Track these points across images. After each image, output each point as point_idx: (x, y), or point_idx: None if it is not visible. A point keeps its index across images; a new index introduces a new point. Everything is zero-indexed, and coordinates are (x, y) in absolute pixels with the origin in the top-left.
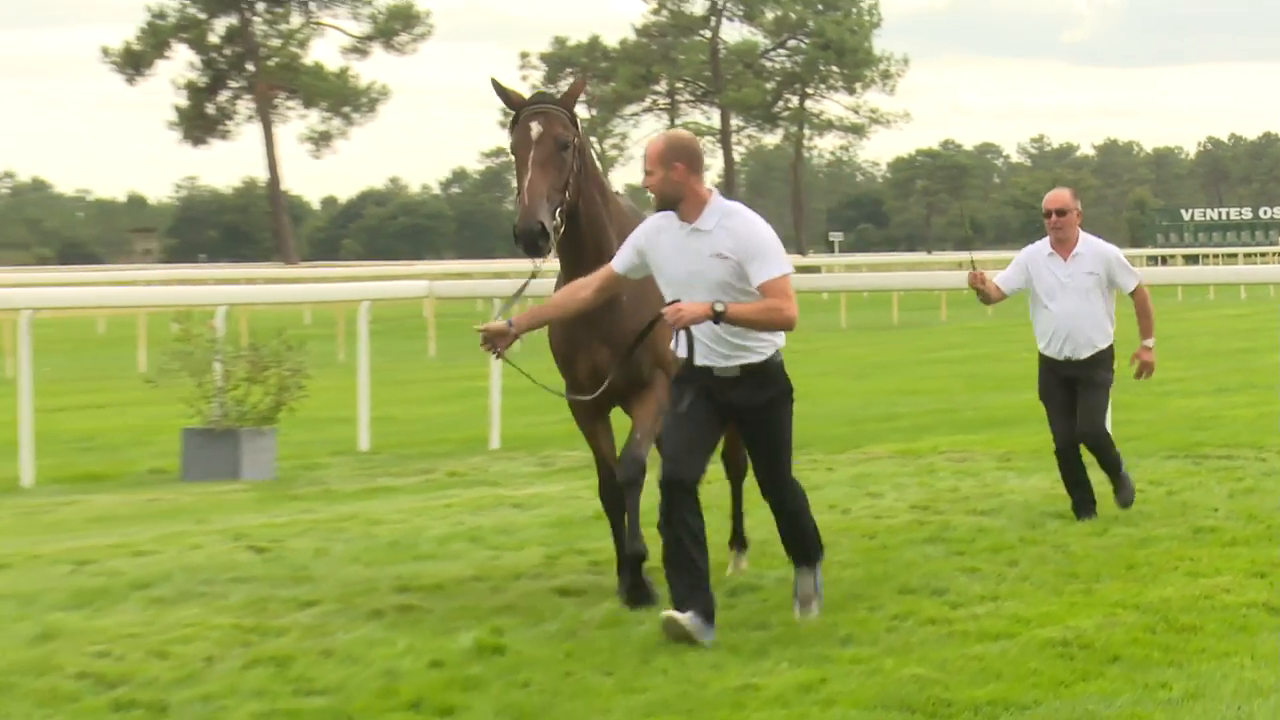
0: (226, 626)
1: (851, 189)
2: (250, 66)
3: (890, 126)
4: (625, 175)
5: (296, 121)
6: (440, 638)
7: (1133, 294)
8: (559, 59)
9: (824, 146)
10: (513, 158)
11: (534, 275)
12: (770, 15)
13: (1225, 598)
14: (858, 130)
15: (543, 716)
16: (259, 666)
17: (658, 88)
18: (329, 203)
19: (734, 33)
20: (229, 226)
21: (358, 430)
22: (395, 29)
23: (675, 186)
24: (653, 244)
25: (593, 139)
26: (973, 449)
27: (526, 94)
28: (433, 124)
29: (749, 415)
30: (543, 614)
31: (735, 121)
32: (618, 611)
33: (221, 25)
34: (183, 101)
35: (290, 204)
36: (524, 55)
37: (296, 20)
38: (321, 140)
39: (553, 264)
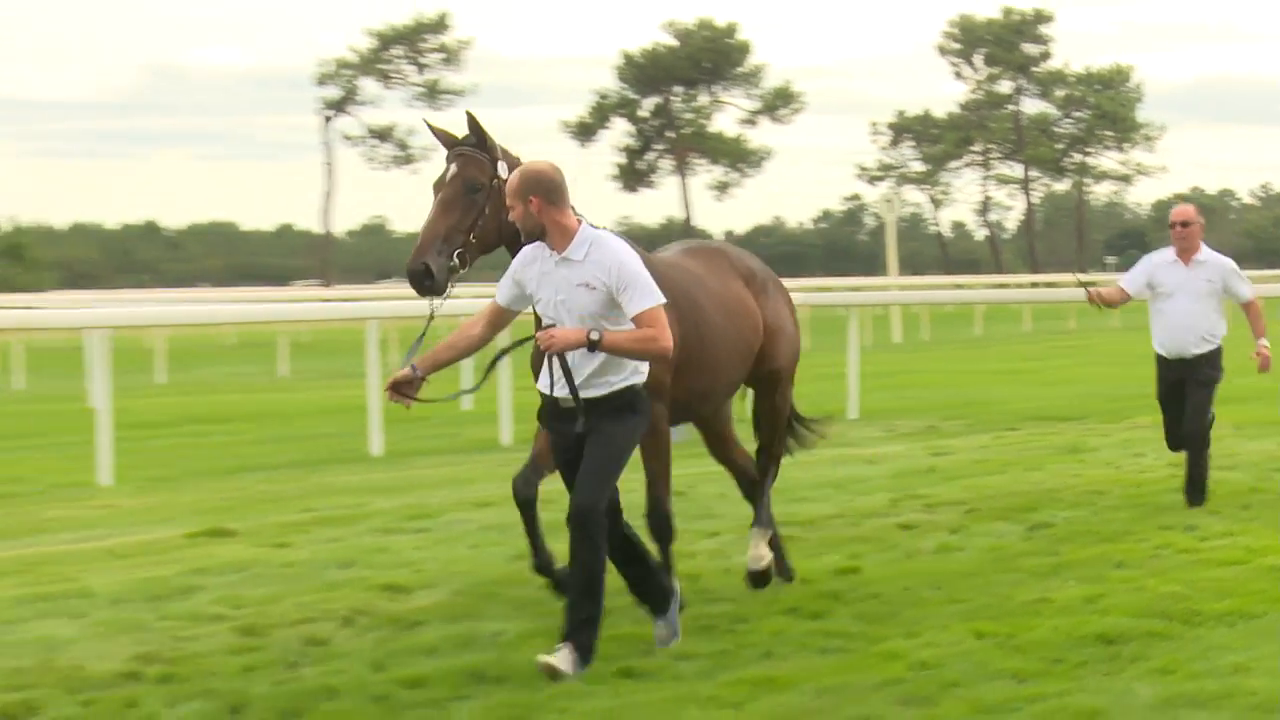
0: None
1: (1122, 224)
2: (670, 134)
3: (1151, 176)
4: (951, 214)
5: (704, 174)
6: (811, 560)
7: (1246, 305)
8: (900, 127)
9: (1100, 192)
10: None
11: (431, 318)
12: (1060, 94)
13: None
14: (1126, 179)
15: (889, 621)
16: (677, 581)
17: (974, 148)
18: (729, 234)
19: (1032, 106)
20: None
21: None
22: (777, 105)
23: (534, 220)
24: (526, 274)
25: (925, 186)
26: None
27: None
28: (805, 176)
29: (591, 430)
30: (887, 544)
31: (1033, 173)
32: (945, 541)
33: (649, 104)
34: (621, 160)
35: (700, 236)
36: (874, 124)
37: (704, 99)
38: (722, 189)
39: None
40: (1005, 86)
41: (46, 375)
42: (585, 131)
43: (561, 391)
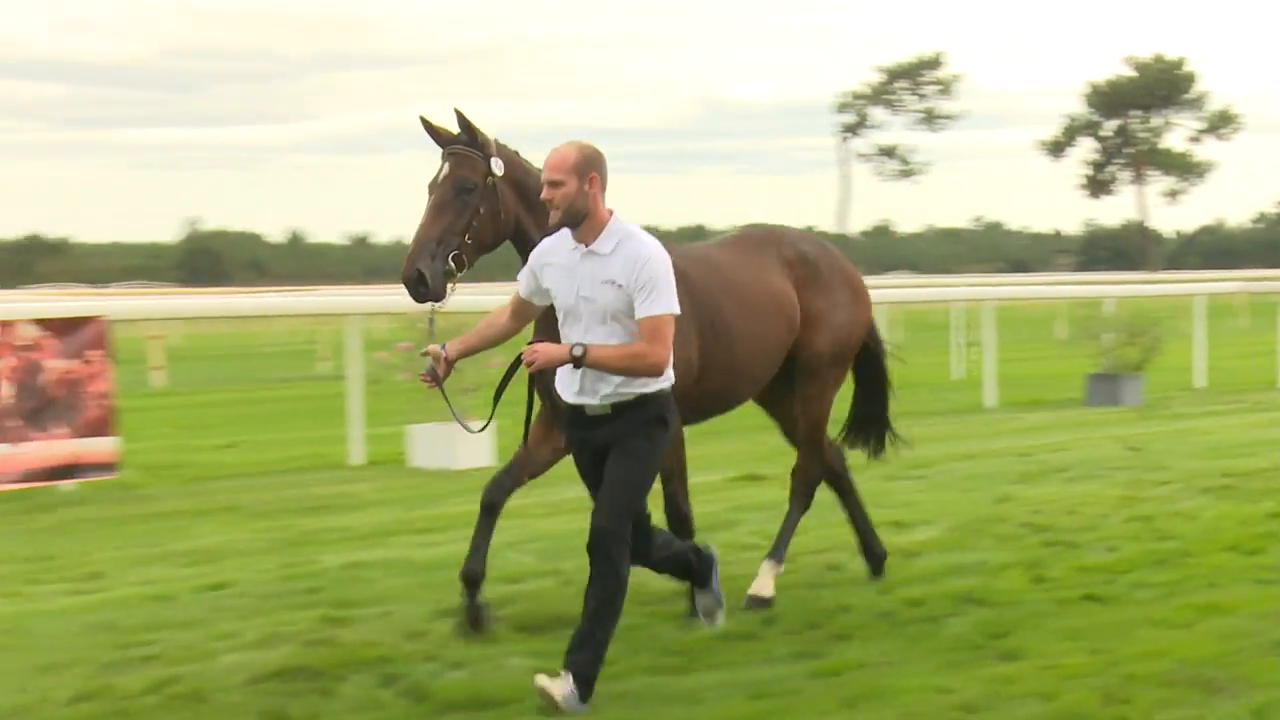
0: (1113, 497)
1: None
2: (1129, 150)
3: None
4: None
5: (1157, 184)
6: (1250, 505)
7: None
8: None
9: None
10: None
11: (432, 324)
12: None
13: None
14: None
15: None
16: (1134, 522)
17: None
18: (1178, 234)
19: None
20: (1115, 250)
21: (1193, 375)
22: (1220, 125)
23: (585, 202)
24: (542, 265)
25: None
26: None
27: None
28: (1244, 184)
29: (616, 443)
30: None
31: None
32: None
33: (1111, 125)
34: (1087, 172)
35: (1153, 236)
36: None
37: (1158, 121)
38: (1172, 195)
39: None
40: None
41: None
42: (1057, 149)
43: (582, 398)
